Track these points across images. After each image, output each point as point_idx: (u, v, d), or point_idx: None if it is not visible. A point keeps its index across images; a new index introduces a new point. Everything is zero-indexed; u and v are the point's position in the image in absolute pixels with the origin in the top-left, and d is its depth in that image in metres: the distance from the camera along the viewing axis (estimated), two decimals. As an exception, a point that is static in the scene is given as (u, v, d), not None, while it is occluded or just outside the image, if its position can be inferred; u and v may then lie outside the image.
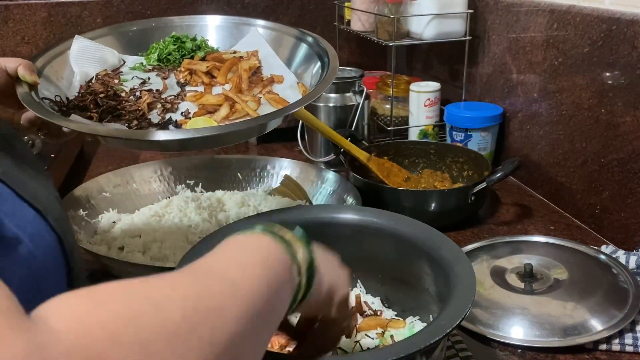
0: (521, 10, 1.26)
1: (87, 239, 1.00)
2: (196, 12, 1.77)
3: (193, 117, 0.83)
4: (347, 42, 1.89)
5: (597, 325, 0.79)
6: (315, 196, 1.17)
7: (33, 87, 0.77)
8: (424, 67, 1.78)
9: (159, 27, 1.01)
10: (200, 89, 0.90)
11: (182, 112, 0.84)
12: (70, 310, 0.31)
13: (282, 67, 0.95)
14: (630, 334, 0.79)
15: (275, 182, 1.22)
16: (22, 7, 1.66)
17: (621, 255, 0.93)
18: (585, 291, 0.85)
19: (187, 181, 1.21)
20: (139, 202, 1.15)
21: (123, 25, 1.01)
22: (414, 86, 1.45)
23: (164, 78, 0.92)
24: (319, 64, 0.92)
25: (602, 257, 0.94)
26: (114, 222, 1.07)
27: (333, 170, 1.21)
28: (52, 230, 0.51)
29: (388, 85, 1.50)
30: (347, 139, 1.21)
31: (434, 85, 1.44)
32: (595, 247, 0.98)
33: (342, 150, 1.21)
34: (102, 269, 0.93)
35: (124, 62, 0.96)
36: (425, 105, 1.43)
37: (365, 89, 1.40)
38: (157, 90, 0.88)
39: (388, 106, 1.49)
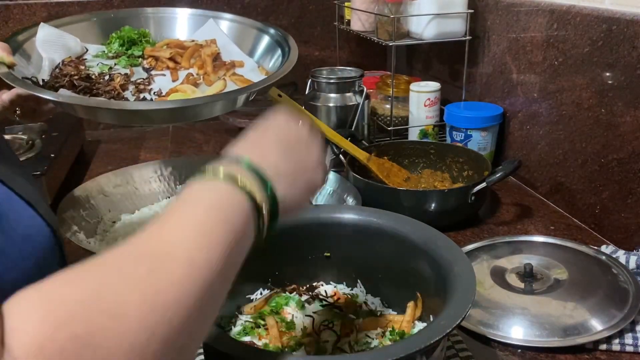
0: (521, 10, 1.26)
1: (87, 239, 1.00)
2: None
3: (166, 96, 0.86)
4: (347, 42, 1.89)
5: (597, 325, 0.79)
6: (315, 196, 1.17)
7: (10, 68, 0.79)
8: (424, 67, 1.78)
9: (117, 17, 1.05)
10: (166, 73, 0.93)
11: (154, 92, 0.87)
12: (31, 333, 0.32)
13: (240, 54, 0.99)
14: (630, 334, 0.79)
15: (275, 182, 1.22)
16: (22, 7, 1.66)
17: (621, 255, 0.93)
18: (585, 291, 0.85)
19: (187, 181, 1.21)
20: (139, 202, 1.15)
21: (85, 16, 1.04)
22: (414, 86, 1.45)
23: (130, 64, 0.95)
24: (279, 51, 0.96)
25: (602, 257, 0.94)
26: (114, 222, 1.07)
27: (333, 170, 1.20)
28: (46, 224, 0.50)
29: (388, 85, 1.50)
30: (347, 139, 1.21)
31: (434, 85, 1.44)
32: (595, 247, 0.98)
33: (342, 150, 1.21)
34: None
35: (87, 50, 0.98)
36: (425, 105, 1.43)
37: (365, 89, 1.40)
38: (125, 74, 0.91)
39: (388, 106, 1.49)
